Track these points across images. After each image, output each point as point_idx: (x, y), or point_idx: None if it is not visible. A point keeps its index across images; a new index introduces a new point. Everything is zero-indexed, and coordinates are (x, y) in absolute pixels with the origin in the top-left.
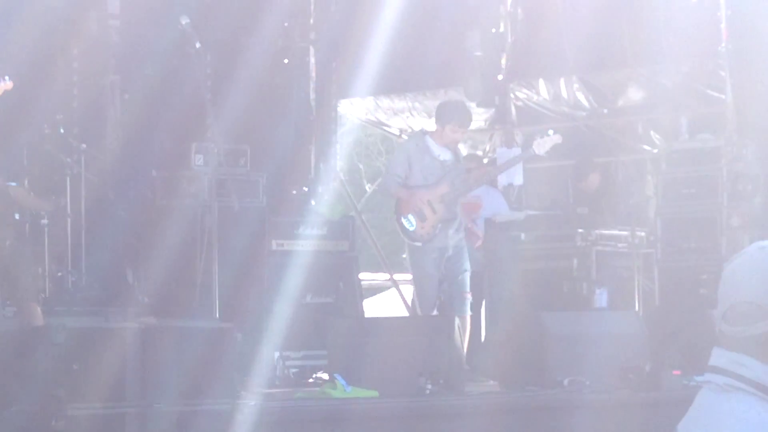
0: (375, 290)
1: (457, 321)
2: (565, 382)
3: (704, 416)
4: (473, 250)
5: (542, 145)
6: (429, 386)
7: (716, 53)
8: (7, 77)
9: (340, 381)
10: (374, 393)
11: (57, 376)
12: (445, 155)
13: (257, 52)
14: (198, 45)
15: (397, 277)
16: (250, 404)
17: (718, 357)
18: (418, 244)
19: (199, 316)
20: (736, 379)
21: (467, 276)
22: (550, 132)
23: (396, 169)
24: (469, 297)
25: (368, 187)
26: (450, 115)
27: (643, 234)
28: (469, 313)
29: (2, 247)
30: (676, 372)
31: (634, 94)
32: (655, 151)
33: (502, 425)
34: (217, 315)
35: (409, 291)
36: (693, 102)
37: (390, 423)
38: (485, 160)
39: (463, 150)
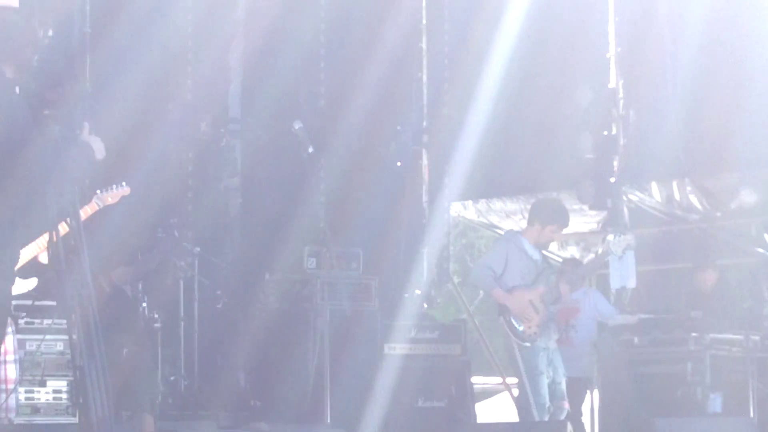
0: (488, 394)
1: (569, 427)
2: None
3: None
4: (577, 354)
5: (617, 245)
6: None
7: None
8: (124, 183)
9: None
10: None
11: None
12: (536, 255)
13: (370, 156)
14: (311, 149)
15: (509, 380)
16: None
17: None
18: (528, 344)
19: (311, 422)
20: None
21: (564, 383)
22: (625, 233)
23: (492, 263)
24: (566, 406)
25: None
26: (552, 217)
27: (757, 338)
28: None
29: (119, 354)
30: None
31: (748, 197)
32: None
33: None
34: (329, 420)
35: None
36: None
37: None
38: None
39: (575, 253)
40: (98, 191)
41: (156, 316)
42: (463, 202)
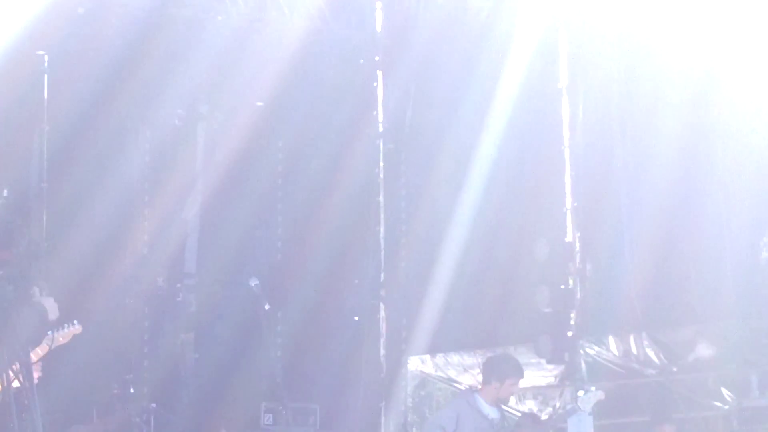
0: None
1: None
2: None
3: None
4: None
5: (587, 401)
6: None
7: None
8: (75, 321)
9: None
10: None
11: None
12: (494, 414)
13: (327, 310)
14: (267, 306)
15: None
16: None
17: None
18: None
19: None
20: None
21: None
22: (593, 388)
23: (442, 421)
24: None
25: None
26: (508, 371)
27: None
28: None
29: None
30: None
31: (704, 351)
32: (726, 407)
33: None
34: None
35: None
36: (763, 358)
37: None
38: (543, 418)
39: (533, 407)
40: (49, 332)
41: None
42: (421, 356)
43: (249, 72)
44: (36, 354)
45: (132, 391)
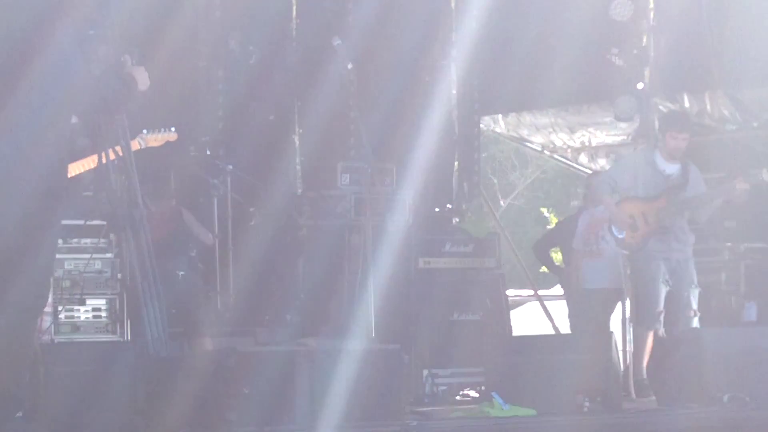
0: (516, 305)
1: (614, 337)
2: (725, 398)
3: None
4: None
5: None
6: (587, 404)
7: None
8: (173, 128)
9: (497, 399)
10: (532, 411)
11: (227, 400)
12: (672, 169)
13: (399, 72)
14: (350, 66)
15: (540, 292)
16: (412, 425)
17: None
18: (626, 252)
19: (356, 336)
20: None
21: (695, 292)
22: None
23: (615, 174)
24: (694, 315)
25: (503, 202)
26: (666, 123)
27: None
28: (694, 326)
29: (175, 278)
30: None
31: None
32: None
33: None
34: (374, 334)
35: (551, 306)
36: None
37: None
38: None
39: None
40: (144, 131)
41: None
42: (493, 116)
43: None
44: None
45: (208, 152)
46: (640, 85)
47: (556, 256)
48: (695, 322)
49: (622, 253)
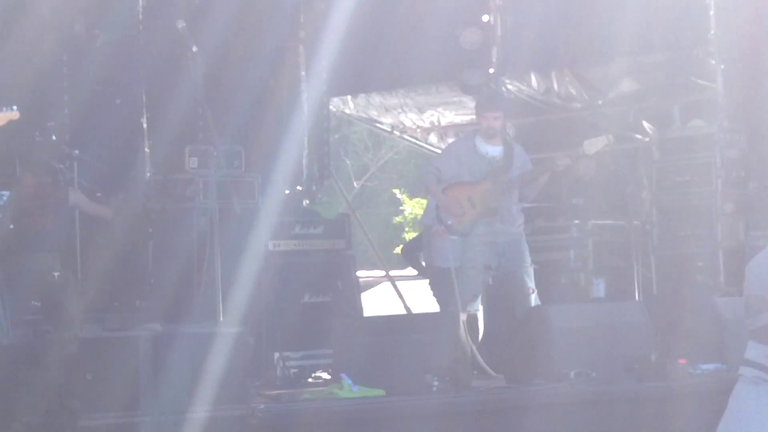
0: (368, 286)
1: (462, 316)
2: (572, 374)
3: (736, 410)
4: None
5: (593, 145)
6: (435, 383)
7: (706, 41)
8: (15, 107)
9: (346, 381)
10: (381, 392)
11: (70, 387)
12: (495, 151)
13: (247, 54)
14: (195, 48)
15: (391, 272)
16: (260, 407)
17: (751, 349)
18: (455, 237)
19: (203, 320)
20: (764, 371)
21: (529, 271)
22: (605, 133)
23: (439, 163)
24: (531, 292)
25: (356, 184)
26: (479, 105)
27: (638, 223)
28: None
29: (50, 277)
30: (682, 361)
31: (626, 86)
32: (647, 140)
33: (509, 420)
34: (221, 318)
35: (402, 286)
36: (684, 90)
37: (399, 421)
38: None
39: None
40: None
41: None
42: (342, 97)
43: None
44: None
45: (54, 138)
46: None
47: None
48: (533, 300)
49: None
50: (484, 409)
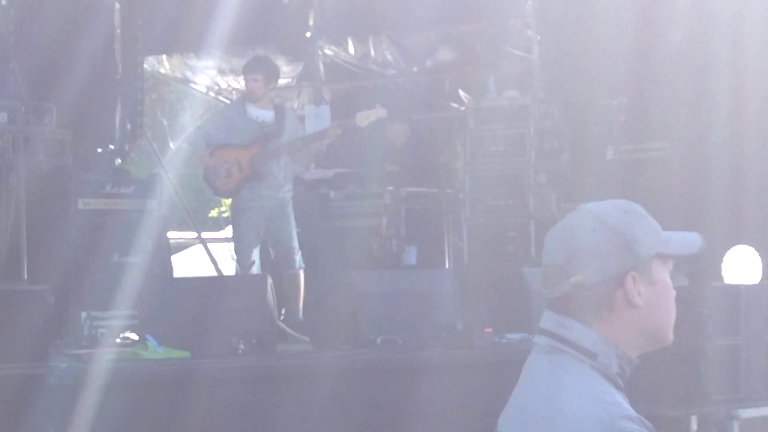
0: (181, 248)
1: (269, 280)
2: (378, 340)
3: (529, 378)
4: None
5: (366, 118)
6: (242, 346)
7: (523, 12)
8: None
9: (151, 342)
10: (186, 354)
11: None
12: (266, 116)
13: (61, 9)
14: (4, 1)
15: (204, 235)
16: (61, 367)
17: (546, 319)
18: (223, 199)
19: (7, 278)
20: (558, 341)
21: (291, 232)
22: (377, 106)
23: (208, 127)
24: (295, 252)
25: (172, 144)
26: (246, 66)
27: (452, 191)
28: (301, 267)
29: None
30: (488, 330)
31: (443, 55)
32: (463, 108)
33: (315, 384)
34: (26, 276)
35: (216, 249)
36: (500, 60)
37: (202, 383)
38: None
39: None
40: None
41: None
42: (157, 56)
43: None
44: None
45: None
46: (308, 34)
47: None
48: (298, 261)
49: None
50: (288, 373)
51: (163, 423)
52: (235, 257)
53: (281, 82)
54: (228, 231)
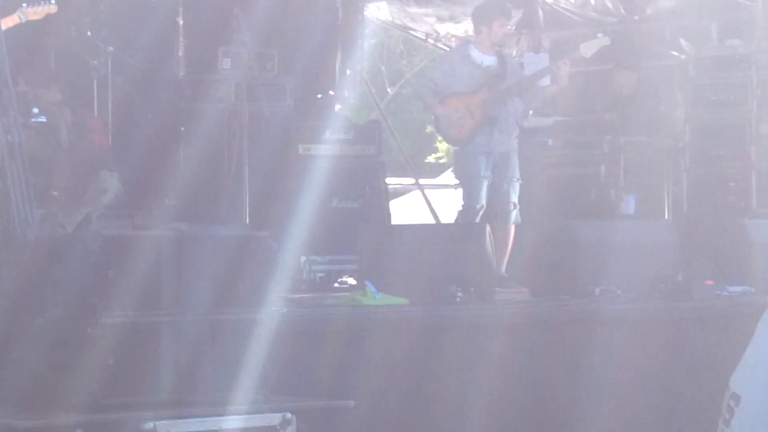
0: (398, 194)
1: (488, 228)
2: (597, 291)
3: (766, 335)
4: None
5: (589, 47)
6: (459, 294)
7: None
8: (53, 0)
9: (370, 288)
10: (404, 300)
11: (92, 284)
12: (489, 61)
13: None
14: None
15: (421, 181)
16: (281, 311)
17: None
18: (457, 147)
19: (230, 222)
20: None
21: (515, 185)
22: (600, 35)
23: (433, 74)
24: (513, 208)
25: (390, 90)
26: (494, 12)
27: (671, 141)
28: (513, 223)
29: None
30: (709, 282)
31: (664, 3)
32: (683, 57)
33: (533, 334)
34: (248, 221)
35: (432, 195)
36: (722, 8)
37: (421, 331)
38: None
39: None
40: (24, 4)
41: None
42: (377, 3)
43: None
44: (5, 23)
45: (89, 34)
46: None
47: None
48: (514, 216)
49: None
50: (507, 322)
51: (380, 369)
52: (463, 202)
53: None
54: (444, 178)
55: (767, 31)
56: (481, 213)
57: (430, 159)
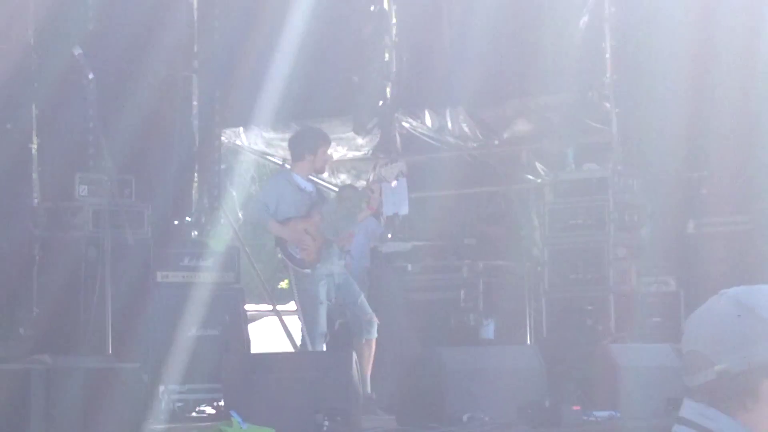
0: (253, 319)
1: (354, 356)
2: (465, 418)
3: None
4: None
5: (390, 172)
6: (326, 423)
7: (601, 84)
8: None
9: (235, 418)
10: (271, 430)
11: None
12: (310, 187)
13: (140, 82)
14: (91, 75)
15: (280, 307)
16: None
17: (686, 408)
18: (308, 270)
19: (92, 354)
20: (699, 431)
21: (363, 299)
22: (399, 159)
23: (267, 200)
24: (375, 320)
25: (241, 215)
26: (319, 140)
27: (530, 264)
28: (375, 335)
29: None
30: (576, 407)
31: (521, 127)
32: (539, 181)
33: None
34: (110, 351)
35: (290, 321)
36: (578, 133)
37: None
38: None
39: (347, 180)
40: None
41: None
42: (234, 129)
43: None
44: None
45: None
46: (381, 103)
47: None
48: (375, 329)
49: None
50: None
51: None
52: (306, 328)
53: (356, 153)
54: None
55: (623, 155)
56: (325, 338)
57: (283, 284)
